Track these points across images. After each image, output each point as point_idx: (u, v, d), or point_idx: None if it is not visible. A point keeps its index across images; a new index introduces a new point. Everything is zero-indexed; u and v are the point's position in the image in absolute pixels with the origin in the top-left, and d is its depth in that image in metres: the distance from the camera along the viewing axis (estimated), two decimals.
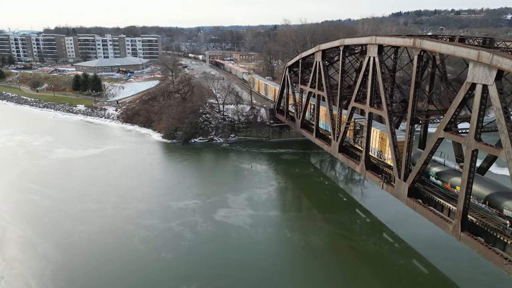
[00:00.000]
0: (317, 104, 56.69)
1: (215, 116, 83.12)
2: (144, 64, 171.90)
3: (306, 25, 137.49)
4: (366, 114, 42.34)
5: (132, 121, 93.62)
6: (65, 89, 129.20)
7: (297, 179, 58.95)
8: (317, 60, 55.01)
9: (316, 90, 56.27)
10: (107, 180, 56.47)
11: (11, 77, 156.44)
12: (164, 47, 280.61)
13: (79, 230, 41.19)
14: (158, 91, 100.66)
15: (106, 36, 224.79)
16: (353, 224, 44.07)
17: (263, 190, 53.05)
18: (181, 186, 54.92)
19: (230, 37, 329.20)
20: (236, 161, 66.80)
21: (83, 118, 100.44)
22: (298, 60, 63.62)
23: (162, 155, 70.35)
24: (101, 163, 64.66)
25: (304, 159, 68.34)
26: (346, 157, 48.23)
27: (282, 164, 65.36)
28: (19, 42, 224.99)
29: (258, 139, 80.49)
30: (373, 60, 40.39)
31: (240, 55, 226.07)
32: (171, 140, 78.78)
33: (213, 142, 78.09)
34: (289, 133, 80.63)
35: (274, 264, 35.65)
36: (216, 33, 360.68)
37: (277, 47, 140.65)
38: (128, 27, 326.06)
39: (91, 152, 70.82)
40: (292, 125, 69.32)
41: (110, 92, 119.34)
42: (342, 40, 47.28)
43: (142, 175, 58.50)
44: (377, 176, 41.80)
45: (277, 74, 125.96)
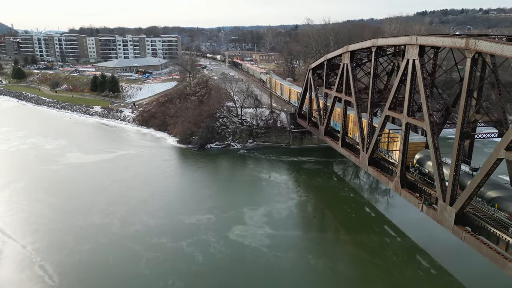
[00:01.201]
0: (344, 111, 51.61)
1: (233, 121, 78.99)
2: (163, 65, 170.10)
3: (329, 25, 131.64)
4: (403, 125, 37.06)
5: (147, 124, 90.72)
6: (84, 90, 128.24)
7: (320, 191, 54.01)
8: (345, 63, 49.92)
9: (343, 95, 51.20)
10: (117, 190, 53.14)
11: (32, 77, 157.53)
12: (184, 47, 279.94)
13: (81, 249, 37.70)
14: (175, 93, 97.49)
15: (126, 36, 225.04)
16: (385, 248, 38.84)
17: (282, 204, 48.42)
18: (195, 198, 50.93)
19: (250, 37, 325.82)
20: (253, 169, 62.39)
21: (98, 120, 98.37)
22: (323, 62, 58.61)
23: (176, 162, 66.73)
24: (113, 169, 61.54)
25: (327, 169, 63.23)
26: (378, 172, 43.01)
27: (303, 174, 60.50)
28: (42, 42, 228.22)
29: (278, 145, 75.89)
30: (412, 63, 35.13)
31: (260, 56, 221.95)
32: (187, 145, 75.17)
33: (230, 148, 73.98)
34: (311, 139, 75.65)
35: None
36: (236, 33, 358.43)
37: (299, 48, 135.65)
38: (149, 28, 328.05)
39: (103, 157, 67.94)
40: (314, 132, 64.34)
41: (127, 94, 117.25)
42: (374, 40, 42.08)
43: (154, 184, 54.89)
44: (415, 196, 36.53)
45: (298, 75, 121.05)
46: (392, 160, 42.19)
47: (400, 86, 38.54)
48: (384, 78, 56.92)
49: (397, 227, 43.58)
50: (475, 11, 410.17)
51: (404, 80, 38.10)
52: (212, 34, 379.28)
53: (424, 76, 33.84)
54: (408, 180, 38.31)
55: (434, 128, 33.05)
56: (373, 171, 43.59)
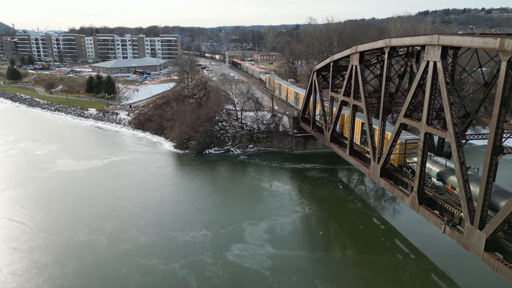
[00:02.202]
0: (352, 116, 47.71)
1: (232, 124, 75.09)
2: (162, 65, 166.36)
3: (332, 24, 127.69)
4: (422, 134, 33.14)
5: (143, 127, 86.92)
6: (79, 91, 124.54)
7: (326, 203, 50.12)
8: (354, 64, 46.03)
9: (351, 99, 47.34)
10: (108, 201, 49.31)
11: (27, 77, 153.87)
12: (184, 47, 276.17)
13: (62, 272, 33.88)
14: (172, 95, 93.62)
15: (125, 36, 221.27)
16: (401, 271, 34.96)
17: (286, 218, 44.53)
18: (191, 210, 47.08)
19: (251, 37, 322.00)
20: (254, 178, 58.53)
21: (93, 123, 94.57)
22: (329, 63, 54.75)
23: (172, 169, 62.86)
24: (104, 178, 57.72)
25: (333, 177, 59.34)
26: (391, 185, 39.10)
27: (307, 183, 56.62)
28: (39, 42, 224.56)
29: (280, 150, 72.00)
30: (433, 66, 31.20)
31: (261, 55, 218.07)
32: (184, 150, 71.31)
33: (229, 154, 70.12)
34: (315, 144, 71.75)
35: None
36: (237, 33, 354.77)
37: (301, 48, 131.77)
38: (150, 27, 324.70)
39: (96, 163, 64.13)
40: (319, 138, 60.44)
41: (124, 95, 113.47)
42: (387, 40, 38.18)
43: (147, 195, 51.05)
44: (435, 214, 32.64)
45: (301, 76, 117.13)
46: (407, 171, 38.40)
47: (417, 91, 34.68)
48: (395, 81, 53.21)
49: (411, 244, 39.69)
50: (478, 11, 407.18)
51: (422, 85, 34.34)
52: (212, 34, 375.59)
53: (447, 81, 29.91)
54: (427, 196, 34.46)
55: (459, 139, 29.18)
56: (386, 184, 39.67)
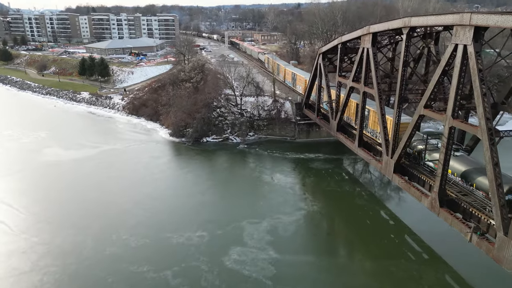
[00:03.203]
0: (362, 104, 43.37)
1: (232, 111, 70.70)
2: (159, 46, 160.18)
3: (336, 3, 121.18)
4: (446, 129, 28.95)
5: (138, 113, 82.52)
6: (72, 73, 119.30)
7: (333, 198, 46.40)
8: (365, 47, 41.34)
9: (361, 85, 42.86)
10: (96, 196, 45.57)
11: (19, 59, 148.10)
12: (183, 26, 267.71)
13: (39, 284, 30.39)
14: (168, 78, 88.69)
15: (121, 15, 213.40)
16: (421, 283, 31.45)
17: (289, 216, 40.87)
18: (186, 208, 43.42)
19: (251, 16, 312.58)
20: (255, 169, 54.70)
21: (85, 108, 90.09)
22: (337, 46, 49.90)
23: (167, 160, 58.92)
24: (94, 169, 53.86)
25: (339, 169, 55.53)
26: (407, 183, 35.21)
27: (311, 176, 52.81)
28: (33, 22, 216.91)
29: (282, 138, 67.90)
30: (463, 50, 26.72)
31: (261, 36, 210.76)
32: (180, 138, 67.20)
33: (228, 142, 66.04)
34: (319, 132, 67.56)
35: None
36: (237, 12, 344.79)
37: (303, 27, 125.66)
38: (147, 6, 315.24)
39: (85, 153, 60.18)
40: (325, 126, 56.21)
41: (118, 78, 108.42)
42: (406, 19, 33.43)
43: (139, 189, 47.32)
44: (458, 219, 28.83)
45: (303, 58, 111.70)
46: (424, 168, 34.47)
47: (441, 78, 30.27)
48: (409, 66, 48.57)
49: (428, 247, 36.12)
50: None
51: (447, 72, 29.95)
52: (212, 13, 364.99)
53: (480, 68, 25.54)
54: (449, 198, 30.62)
55: (493, 136, 25.04)
56: (401, 182, 35.75)
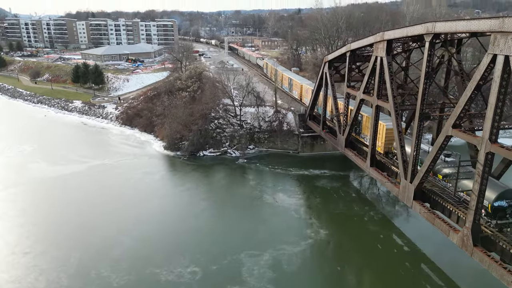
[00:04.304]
0: (375, 119, 38.90)
1: (230, 122, 66.27)
2: (157, 52, 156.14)
3: (339, 8, 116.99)
4: (482, 154, 24.41)
5: (132, 123, 78.08)
6: (66, 80, 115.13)
7: (342, 224, 41.74)
8: (379, 56, 36.95)
9: (374, 98, 38.43)
10: (78, 219, 41.00)
11: (13, 65, 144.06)
12: (183, 32, 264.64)
13: None
14: (164, 87, 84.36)
15: (119, 20, 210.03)
16: None
17: (293, 247, 36.23)
18: (178, 235, 38.77)
19: (251, 22, 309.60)
20: (255, 188, 50.10)
21: (77, 118, 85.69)
22: (345, 54, 45.55)
23: (160, 177, 54.29)
24: (80, 188, 49.31)
25: (347, 187, 50.97)
26: (430, 213, 30.59)
27: (317, 196, 48.20)
28: (30, 27, 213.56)
29: (284, 152, 63.44)
30: (503, 61, 22.29)
31: (262, 41, 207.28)
32: (175, 152, 62.73)
33: (226, 156, 61.56)
34: (324, 145, 63.06)
35: None
36: (237, 18, 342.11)
37: (305, 33, 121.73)
38: (147, 11, 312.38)
39: (73, 169, 55.66)
40: (331, 141, 51.67)
41: (113, 86, 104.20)
42: (429, 25, 29.01)
43: (127, 212, 42.77)
44: (499, 264, 24.20)
45: (306, 65, 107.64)
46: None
47: (474, 94, 25.77)
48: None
49: (453, 282, 31.47)
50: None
51: (481, 85, 25.49)
52: (212, 19, 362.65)
53: None
54: (484, 234, 26.02)
55: None
56: (423, 211, 31.09)
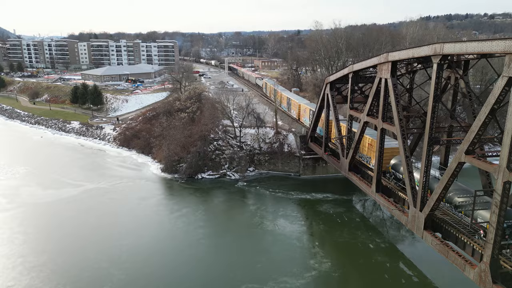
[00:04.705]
0: (380, 143, 37.28)
1: (230, 144, 64.68)
2: (157, 72, 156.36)
3: (339, 29, 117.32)
4: (499, 183, 22.61)
5: (129, 145, 76.47)
6: (65, 101, 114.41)
7: (347, 254, 39.40)
8: (383, 77, 35.71)
9: (378, 121, 36.96)
10: (67, 251, 38.67)
11: (12, 86, 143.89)
12: (184, 53, 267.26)
13: None
14: (163, 107, 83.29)
15: (120, 41, 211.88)
16: None
17: (296, 279, 33.88)
18: (172, 268, 36.29)
19: (252, 43, 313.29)
20: (255, 214, 47.93)
21: (74, 139, 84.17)
22: (347, 75, 44.44)
23: (156, 202, 52.17)
24: (71, 214, 47.16)
25: (351, 212, 48.81)
26: (443, 245, 28.47)
27: (320, 222, 46.00)
28: (31, 48, 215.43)
29: (285, 175, 61.63)
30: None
31: (262, 62, 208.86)
32: (172, 174, 60.89)
33: (225, 179, 59.68)
34: (326, 167, 61.35)
35: None
36: (237, 39, 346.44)
37: (305, 54, 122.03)
38: (149, 33, 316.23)
39: (66, 193, 53.64)
40: (334, 164, 49.90)
41: (112, 106, 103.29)
42: (437, 46, 27.77)
43: (121, 241, 40.47)
44: None
45: (306, 85, 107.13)
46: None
47: (488, 119, 24.18)
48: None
49: None
50: (480, 16, 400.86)
51: (496, 109, 23.93)
52: (213, 40, 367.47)
53: None
54: (504, 270, 23.90)
55: None
56: (435, 243, 28.99)
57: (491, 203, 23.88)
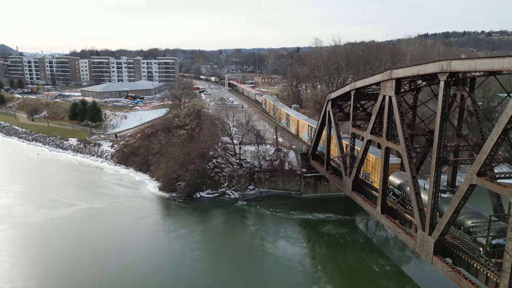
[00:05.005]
0: (385, 162, 35.93)
1: (229, 161, 63.35)
2: (157, 89, 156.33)
3: (339, 46, 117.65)
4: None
5: (127, 162, 75.05)
6: (64, 117, 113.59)
7: (352, 279, 37.40)
8: (387, 95, 34.68)
9: (383, 139, 35.72)
10: (58, 275, 36.80)
11: (12, 102, 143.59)
12: (184, 69, 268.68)
13: None
14: (162, 124, 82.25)
15: (121, 58, 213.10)
16: None
17: None
18: None
19: (252, 60, 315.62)
20: (255, 235, 46.14)
21: (71, 157, 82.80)
22: (349, 92, 43.47)
23: (152, 222, 50.37)
24: (62, 236, 45.32)
25: (355, 233, 47.06)
26: (455, 272, 26.76)
27: (323, 244, 44.19)
28: (32, 65, 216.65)
29: (286, 193, 60.04)
30: None
31: (262, 78, 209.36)
32: (170, 193, 59.29)
33: (224, 198, 58.07)
34: (328, 186, 59.72)
35: None
36: (237, 56, 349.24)
37: (305, 70, 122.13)
38: (150, 50, 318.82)
39: (59, 213, 51.90)
40: (337, 184, 48.42)
41: (111, 123, 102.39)
42: (444, 63, 26.75)
43: (110, 268, 38.41)
44: None
45: (306, 102, 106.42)
46: None
47: (501, 139, 22.88)
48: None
49: None
50: (477, 34, 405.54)
51: (508, 130, 22.67)
52: (213, 57, 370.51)
53: None
54: None
55: None
56: (446, 269, 27.27)
57: (507, 229, 22.40)
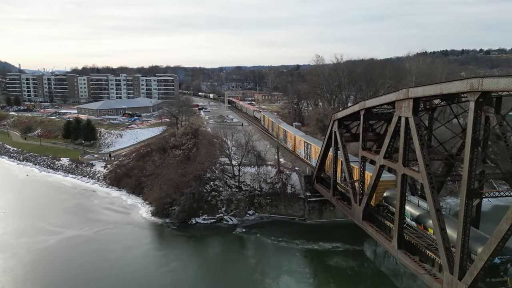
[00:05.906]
0: (402, 191, 31.89)
1: (227, 184, 59.23)
2: (156, 106, 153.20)
3: (341, 64, 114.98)
4: None
5: (120, 184, 70.85)
6: (57, 136, 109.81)
7: None
8: (402, 115, 30.95)
9: (399, 165, 31.81)
10: None
11: (6, 120, 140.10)
12: (184, 86, 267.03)
13: None
14: (158, 144, 78.46)
15: (120, 75, 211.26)
16: None
17: None
18: None
19: (252, 77, 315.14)
20: (255, 268, 41.61)
21: (62, 178, 78.58)
22: (358, 112, 39.80)
23: (142, 253, 45.84)
24: (41, 271, 40.84)
25: (366, 267, 42.53)
26: None
27: (331, 280, 39.70)
28: (30, 82, 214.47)
29: (289, 219, 55.77)
30: None
31: (262, 95, 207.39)
32: (164, 219, 54.99)
33: (222, 224, 53.74)
34: (334, 211, 55.52)
35: None
36: (238, 73, 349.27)
37: (306, 88, 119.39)
38: (151, 67, 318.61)
39: (41, 242, 47.45)
40: (345, 211, 44.22)
41: (105, 142, 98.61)
42: (474, 81, 23.18)
43: None
44: None
45: (308, 120, 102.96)
46: None
47: None
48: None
49: None
50: (476, 52, 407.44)
51: None
52: (213, 74, 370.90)
53: None
54: None
55: None
56: None
57: None
